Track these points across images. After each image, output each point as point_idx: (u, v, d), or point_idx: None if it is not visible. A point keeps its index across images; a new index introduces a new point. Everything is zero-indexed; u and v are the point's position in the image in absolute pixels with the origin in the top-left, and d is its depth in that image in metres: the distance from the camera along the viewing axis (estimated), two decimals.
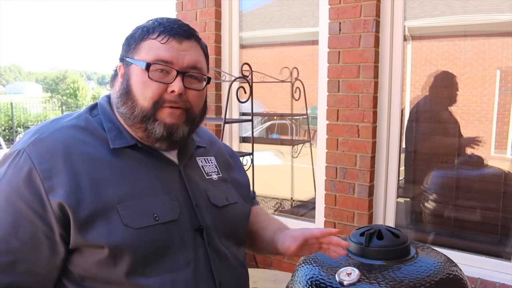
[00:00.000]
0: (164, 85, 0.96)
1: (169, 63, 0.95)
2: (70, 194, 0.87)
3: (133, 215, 0.91)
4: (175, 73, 0.96)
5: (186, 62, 0.97)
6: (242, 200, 1.18)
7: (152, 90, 0.95)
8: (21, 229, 0.86)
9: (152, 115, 0.96)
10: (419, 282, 1.08)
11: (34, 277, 0.88)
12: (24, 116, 16.85)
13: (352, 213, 2.45)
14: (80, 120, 0.99)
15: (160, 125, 0.96)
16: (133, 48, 0.98)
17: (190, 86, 0.99)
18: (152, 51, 0.95)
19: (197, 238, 1.00)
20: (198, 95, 1.01)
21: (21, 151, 0.90)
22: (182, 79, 0.96)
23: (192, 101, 1.00)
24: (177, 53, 0.96)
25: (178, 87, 0.95)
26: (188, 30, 1.00)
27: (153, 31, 0.97)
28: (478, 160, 2.39)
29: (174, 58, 0.96)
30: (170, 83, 0.96)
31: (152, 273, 0.92)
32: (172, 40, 0.96)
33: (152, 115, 0.96)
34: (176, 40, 0.97)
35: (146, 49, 0.96)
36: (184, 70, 0.97)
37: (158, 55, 0.95)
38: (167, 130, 0.97)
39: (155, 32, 0.97)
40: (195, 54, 1.00)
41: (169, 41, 0.96)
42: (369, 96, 2.34)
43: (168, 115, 0.97)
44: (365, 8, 2.31)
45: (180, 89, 0.95)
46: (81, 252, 0.90)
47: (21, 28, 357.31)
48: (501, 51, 2.27)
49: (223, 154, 1.24)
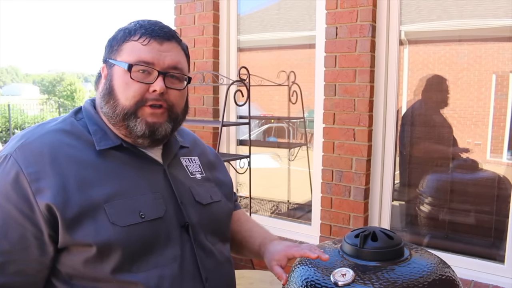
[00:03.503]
0: (146, 85, 0.98)
1: (150, 64, 0.98)
2: (57, 196, 0.89)
3: (120, 213, 0.93)
4: (156, 73, 0.99)
5: (167, 62, 1.00)
6: (225, 199, 1.21)
7: (134, 90, 0.98)
8: (10, 231, 0.88)
9: (133, 112, 0.99)
10: (412, 283, 1.10)
11: (24, 277, 0.90)
12: (21, 118, 16.79)
13: (348, 216, 2.47)
14: (66, 124, 1.01)
15: (141, 123, 0.99)
16: (116, 50, 1.01)
17: (171, 86, 1.01)
18: (134, 52, 0.98)
19: (183, 234, 1.03)
20: (179, 95, 1.04)
21: (7, 156, 0.92)
22: (163, 79, 0.99)
23: (173, 100, 1.03)
24: (158, 54, 0.99)
25: (160, 86, 0.98)
26: (169, 32, 1.03)
27: (134, 33, 1.00)
28: (472, 164, 2.42)
29: (155, 59, 0.99)
30: (151, 83, 0.99)
31: (139, 269, 0.94)
32: (153, 41, 0.99)
33: (133, 113, 0.99)
34: (157, 42, 0.99)
35: (128, 51, 0.99)
36: (165, 70, 1.00)
37: (140, 56, 0.98)
38: (149, 128, 1.00)
39: (137, 34, 0.99)
40: (176, 55, 1.02)
41: (150, 42, 0.99)
42: (365, 100, 2.37)
43: (150, 114, 1.00)
44: (361, 13, 2.34)
45: (161, 89, 0.98)
46: (69, 251, 0.92)
47: (18, 30, 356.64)
48: (497, 56, 2.29)
49: (206, 155, 1.27)
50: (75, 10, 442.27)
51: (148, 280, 0.94)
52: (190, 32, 3.11)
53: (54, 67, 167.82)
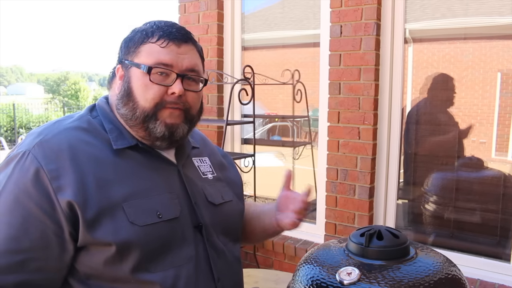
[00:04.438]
0: (165, 87, 0.99)
1: (169, 66, 0.99)
2: (78, 193, 0.89)
3: (138, 213, 0.94)
4: (175, 76, 1.00)
5: (185, 65, 1.01)
6: (236, 199, 1.22)
7: (154, 92, 0.98)
8: (31, 228, 0.88)
9: (153, 114, 0.99)
10: (418, 282, 1.09)
11: (44, 274, 0.90)
12: (26, 117, 16.87)
13: (353, 215, 2.47)
14: (82, 121, 1.02)
15: (161, 125, 1.00)
16: (133, 51, 1.01)
17: (189, 88, 1.02)
18: (152, 54, 0.99)
19: (197, 235, 1.04)
20: (196, 96, 1.06)
21: (26, 152, 0.91)
22: (181, 81, 1.00)
23: (190, 102, 1.04)
24: (176, 57, 1.00)
25: (179, 89, 0.99)
26: (186, 34, 1.03)
27: (152, 35, 1.00)
28: (478, 162, 2.41)
29: (174, 61, 0.99)
30: (170, 85, 0.99)
31: (156, 269, 0.95)
32: (172, 44, 1.00)
33: (153, 115, 0.99)
34: (175, 44, 1.00)
35: (146, 53, 0.99)
36: (183, 72, 1.01)
37: (159, 59, 0.98)
38: (168, 129, 1.01)
39: (155, 36, 1.00)
40: (193, 57, 1.03)
41: (169, 45, 0.99)
42: (369, 99, 2.36)
43: (168, 115, 1.00)
44: (366, 11, 2.33)
45: (180, 91, 0.99)
46: (88, 250, 0.92)
47: (23, 29, 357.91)
48: (502, 54, 2.28)
49: (216, 155, 1.28)
50: (79, 9, 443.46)
51: (165, 280, 0.95)
52: (194, 31, 3.11)
53: (58, 66, 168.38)
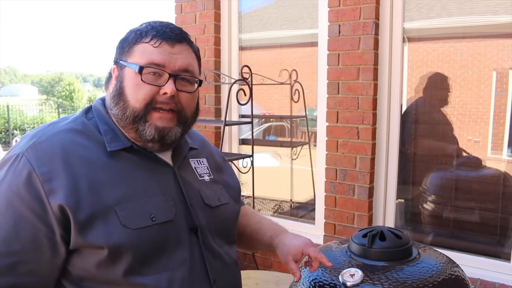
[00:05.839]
0: (157, 87, 0.98)
1: (161, 66, 0.98)
2: (70, 196, 0.88)
3: (131, 216, 0.93)
4: (167, 76, 0.98)
5: (178, 65, 1.00)
6: (232, 201, 1.21)
7: (145, 92, 0.98)
8: (22, 231, 0.88)
9: (143, 115, 0.98)
10: (421, 283, 1.09)
11: (36, 278, 0.90)
12: (20, 118, 16.76)
13: (352, 215, 2.46)
14: (77, 123, 1.01)
15: (150, 127, 0.99)
16: (127, 51, 1.01)
17: (182, 89, 1.01)
18: (145, 54, 0.98)
19: (192, 237, 1.03)
20: (190, 97, 1.04)
21: (19, 155, 0.91)
22: (174, 81, 0.99)
23: (184, 103, 1.02)
24: (169, 57, 0.99)
25: (170, 89, 0.98)
26: (180, 34, 1.02)
27: (145, 35, 0.99)
28: (476, 161, 2.41)
29: (166, 61, 0.98)
30: (162, 85, 0.98)
31: (149, 272, 0.94)
32: (165, 43, 0.99)
33: (143, 116, 0.98)
34: (168, 44, 0.99)
35: (139, 53, 0.99)
36: (176, 73, 0.99)
37: (151, 59, 0.97)
38: (158, 133, 0.99)
39: (148, 35, 0.99)
40: (187, 57, 1.02)
41: (162, 44, 0.98)
42: (368, 98, 2.36)
43: (158, 119, 0.99)
44: (365, 10, 2.33)
45: (172, 91, 0.98)
46: (80, 253, 0.92)
47: (17, 30, 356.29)
48: (497, 53, 2.28)
49: (214, 156, 1.28)
50: (73, 10, 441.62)
51: (158, 283, 0.94)
52: (191, 31, 3.09)
53: (52, 67, 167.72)
